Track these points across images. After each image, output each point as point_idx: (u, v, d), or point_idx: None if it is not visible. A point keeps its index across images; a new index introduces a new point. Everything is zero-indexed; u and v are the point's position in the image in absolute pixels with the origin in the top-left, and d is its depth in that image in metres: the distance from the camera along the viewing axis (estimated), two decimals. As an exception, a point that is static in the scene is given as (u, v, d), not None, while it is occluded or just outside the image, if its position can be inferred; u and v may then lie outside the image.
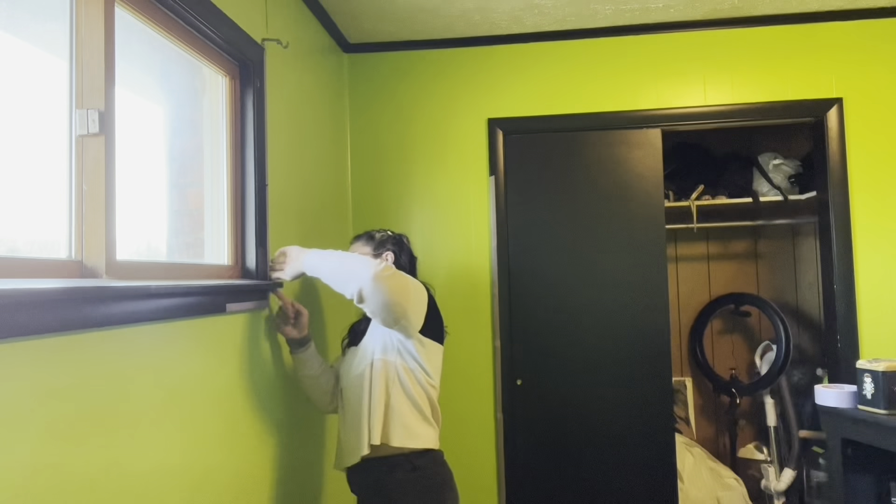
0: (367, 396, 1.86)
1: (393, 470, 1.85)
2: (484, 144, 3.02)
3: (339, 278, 1.77)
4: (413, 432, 1.86)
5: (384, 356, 1.88)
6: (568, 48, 3.01)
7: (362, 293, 1.70)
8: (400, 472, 1.85)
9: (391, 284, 1.72)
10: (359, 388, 1.89)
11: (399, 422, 1.84)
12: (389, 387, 1.86)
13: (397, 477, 1.85)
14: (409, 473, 1.85)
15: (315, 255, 1.86)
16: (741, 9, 2.81)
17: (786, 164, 3.48)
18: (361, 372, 1.91)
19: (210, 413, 1.64)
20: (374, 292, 1.70)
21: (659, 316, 2.89)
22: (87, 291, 1.19)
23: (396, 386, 1.87)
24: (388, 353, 1.88)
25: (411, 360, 1.89)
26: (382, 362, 1.87)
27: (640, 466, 2.87)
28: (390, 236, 2.12)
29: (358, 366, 1.94)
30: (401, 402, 1.86)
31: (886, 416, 2.20)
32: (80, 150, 1.32)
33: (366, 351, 1.93)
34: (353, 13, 2.74)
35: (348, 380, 1.97)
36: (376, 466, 1.87)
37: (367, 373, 1.88)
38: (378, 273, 1.70)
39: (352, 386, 1.94)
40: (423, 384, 1.90)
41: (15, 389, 1.03)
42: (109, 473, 1.24)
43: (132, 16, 1.51)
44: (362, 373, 1.90)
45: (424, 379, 1.91)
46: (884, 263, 2.80)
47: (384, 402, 1.85)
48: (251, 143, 1.99)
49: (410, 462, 1.86)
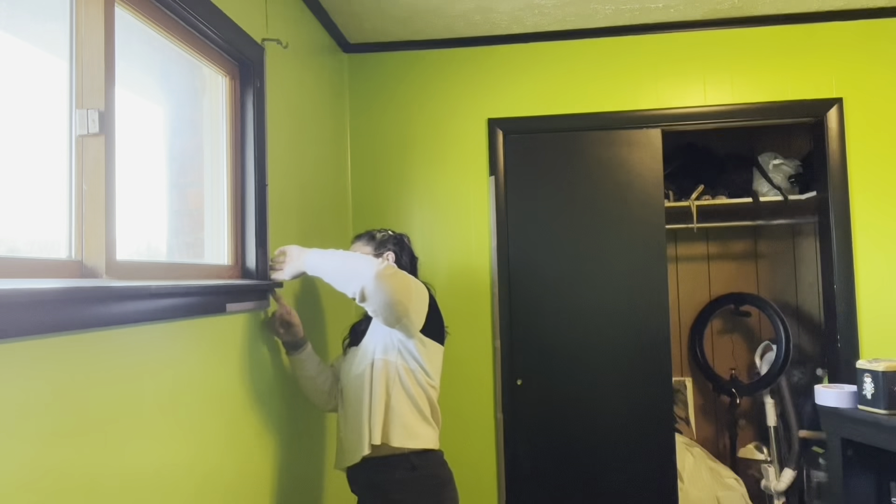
0: (368, 396, 1.86)
1: (393, 470, 1.85)
2: (484, 144, 3.02)
3: (341, 277, 1.77)
4: (413, 432, 1.86)
5: (385, 356, 1.88)
6: (568, 48, 3.01)
7: (364, 292, 1.70)
8: (399, 472, 1.85)
9: (393, 283, 1.73)
10: (359, 388, 1.89)
11: (399, 422, 1.85)
12: (390, 387, 1.86)
13: (397, 477, 1.85)
14: (409, 473, 1.85)
15: (316, 255, 1.85)
16: (741, 9, 2.81)
17: (786, 164, 3.48)
18: (362, 372, 1.91)
19: (210, 413, 1.64)
20: (377, 291, 1.70)
21: (659, 316, 2.89)
22: (87, 291, 1.19)
23: (397, 386, 1.87)
24: (388, 353, 1.88)
25: (412, 361, 1.89)
26: (383, 362, 1.87)
27: (640, 466, 2.87)
28: (391, 236, 2.12)
29: (358, 365, 1.94)
30: (401, 403, 1.86)
31: (886, 416, 2.20)
32: (80, 150, 1.32)
33: (366, 351, 1.94)
34: (353, 13, 2.74)
35: (348, 379, 1.97)
36: (376, 466, 1.87)
37: (367, 372, 1.89)
38: (380, 272, 1.70)
39: (352, 386, 1.94)
40: (424, 384, 1.91)
41: (15, 389, 1.03)
42: (110, 473, 1.24)
43: (132, 16, 1.51)
44: (363, 372, 1.90)
45: (425, 379, 1.91)
46: (884, 263, 2.80)
47: (384, 401, 1.85)
48: (251, 143, 1.99)
49: (410, 462, 1.86)
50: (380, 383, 1.85)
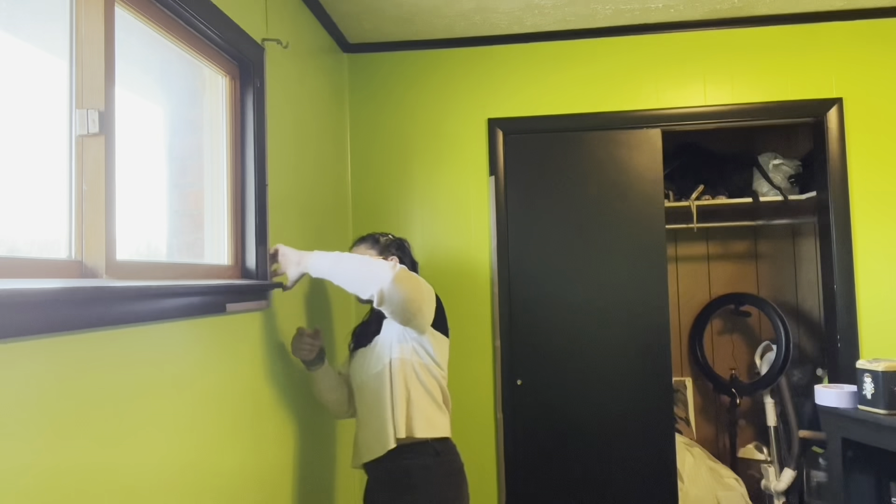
0: (389, 394, 1.95)
1: (417, 456, 1.95)
2: (484, 144, 3.02)
3: (356, 281, 1.83)
4: (433, 423, 1.98)
5: (401, 355, 1.97)
6: (568, 48, 3.01)
7: (383, 294, 1.78)
8: (424, 458, 1.95)
9: (408, 285, 1.82)
10: (379, 387, 1.98)
11: (421, 415, 1.96)
12: (409, 383, 1.96)
13: (421, 462, 1.95)
14: (433, 458, 1.96)
15: (323, 259, 1.87)
16: (741, 9, 2.81)
17: (786, 164, 3.48)
18: (380, 371, 1.98)
19: (210, 413, 1.64)
20: (394, 293, 1.78)
21: (659, 316, 2.89)
22: (87, 291, 1.19)
23: (414, 381, 1.97)
24: (404, 351, 1.97)
25: (426, 356, 1.99)
26: (400, 361, 1.97)
27: (640, 466, 2.87)
28: (394, 240, 2.19)
29: (375, 365, 2.01)
30: (420, 397, 1.97)
31: (886, 416, 2.20)
32: (80, 150, 1.32)
33: (382, 351, 2.00)
34: (353, 13, 2.74)
35: (363, 379, 2.04)
36: (402, 454, 1.95)
37: (386, 372, 1.97)
38: (397, 275, 1.78)
39: (369, 386, 2.01)
40: (437, 376, 2.02)
41: (15, 389, 1.03)
42: (109, 473, 1.24)
43: (132, 16, 1.51)
44: (381, 371, 1.98)
45: (437, 370, 2.02)
46: (884, 263, 2.80)
47: (405, 397, 1.95)
48: (251, 143, 1.99)
49: (434, 448, 1.97)
50: (399, 381, 1.95)
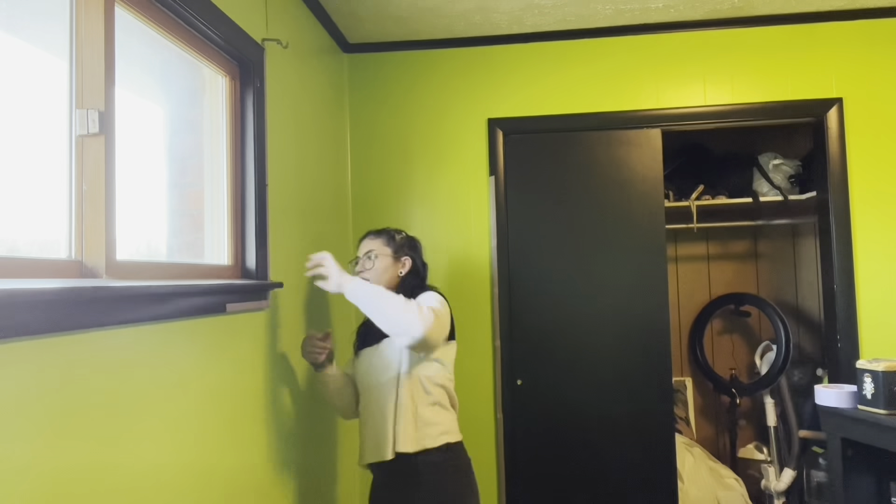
0: (393, 410, 1.97)
1: (428, 453, 1.97)
2: (484, 144, 3.02)
3: (388, 324, 1.88)
4: (442, 429, 2.00)
5: (409, 368, 1.99)
6: (568, 48, 3.01)
7: (413, 343, 1.85)
8: (433, 455, 1.97)
9: (435, 334, 1.87)
10: (384, 400, 2.00)
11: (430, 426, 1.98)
12: (416, 398, 1.98)
13: (429, 459, 1.97)
14: (444, 454, 1.98)
15: (361, 289, 1.91)
16: (741, 9, 2.81)
17: (786, 164, 3.48)
18: (387, 382, 2.00)
19: (210, 413, 1.64)
20: (422, 345, 1.87)
21: (659, 316, 2.89)
22: (87, 291, 1.19)
23: (421, 394, 1.99)
24: (413, 365, 1.99)
25: (435, 364, 2.01)
26: (408, 376, 1.98)
27: (640, 466, 2.87)
28: (407, 240, 2.18)
29: (383, 373, 2.01)
30: (426, 408, 1.99)
31: (886, 416, 2.20)
32: (80, 150, 1.32)
33: (391, 357, 2.01)
34: (353, 13, 2.74)
35: (370, 384, 2.05)
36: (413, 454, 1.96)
37: (392, 385, 1.99)
38: (429, 327, 1.83)
39: (375, 395, 2.03)
40: (444, 382, 2.04)
41: (15, 389, 1.03)
42: (109, 473, 1.24)
43: (132, 16, 1.51)
44: (387, 383, 2.00)
45: (444, 374, 2.03)
46: (884, 263, 2.80)
47: (412, 411, 1.97)
48: (251, 143, 1.99)
49: (446, 444, 1.99)
50: (405, 396, 1.98)
